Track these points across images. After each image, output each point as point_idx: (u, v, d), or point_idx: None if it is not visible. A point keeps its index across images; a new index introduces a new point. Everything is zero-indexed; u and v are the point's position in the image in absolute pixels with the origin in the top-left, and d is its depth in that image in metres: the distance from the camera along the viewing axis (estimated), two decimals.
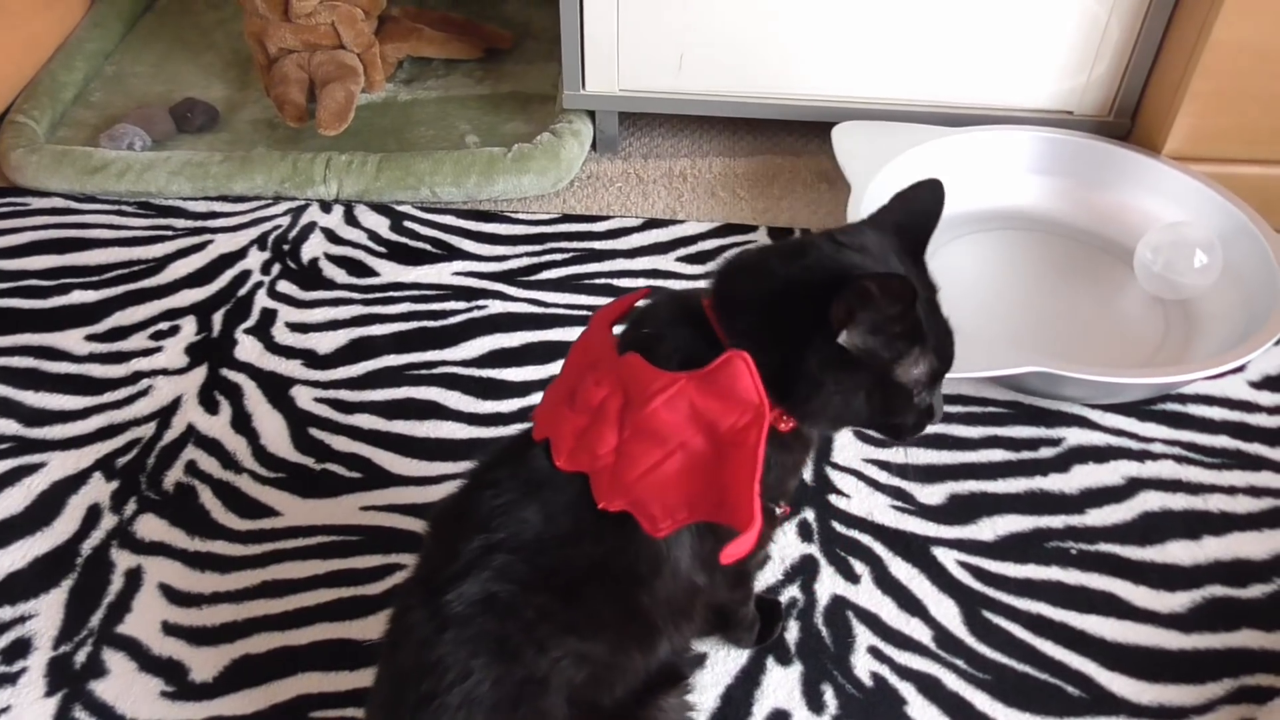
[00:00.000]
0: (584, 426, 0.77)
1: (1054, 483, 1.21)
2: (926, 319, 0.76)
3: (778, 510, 0.86)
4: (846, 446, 1.25)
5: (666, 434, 0.74)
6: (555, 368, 1.32)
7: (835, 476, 1.21)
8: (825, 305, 0.71)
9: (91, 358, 1.35)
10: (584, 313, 1.42)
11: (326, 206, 1.61)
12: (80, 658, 1.02)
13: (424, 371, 1.34)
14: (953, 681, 1.03)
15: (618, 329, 0.82)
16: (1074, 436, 1.27)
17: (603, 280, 1.48)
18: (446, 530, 0.81)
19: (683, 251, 1.54)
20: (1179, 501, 1.20)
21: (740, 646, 1.05)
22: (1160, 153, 1.54)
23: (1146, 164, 1.53)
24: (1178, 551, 1.15)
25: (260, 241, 1.54)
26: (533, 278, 1.49)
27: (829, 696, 1.01)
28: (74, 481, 1.19)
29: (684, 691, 0.90)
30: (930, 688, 1.02)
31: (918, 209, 0.81)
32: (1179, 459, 1.24)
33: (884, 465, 1.23)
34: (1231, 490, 1.21)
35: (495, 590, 0.75)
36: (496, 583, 0.75)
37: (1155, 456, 1.25)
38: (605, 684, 0.81)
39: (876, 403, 0.77)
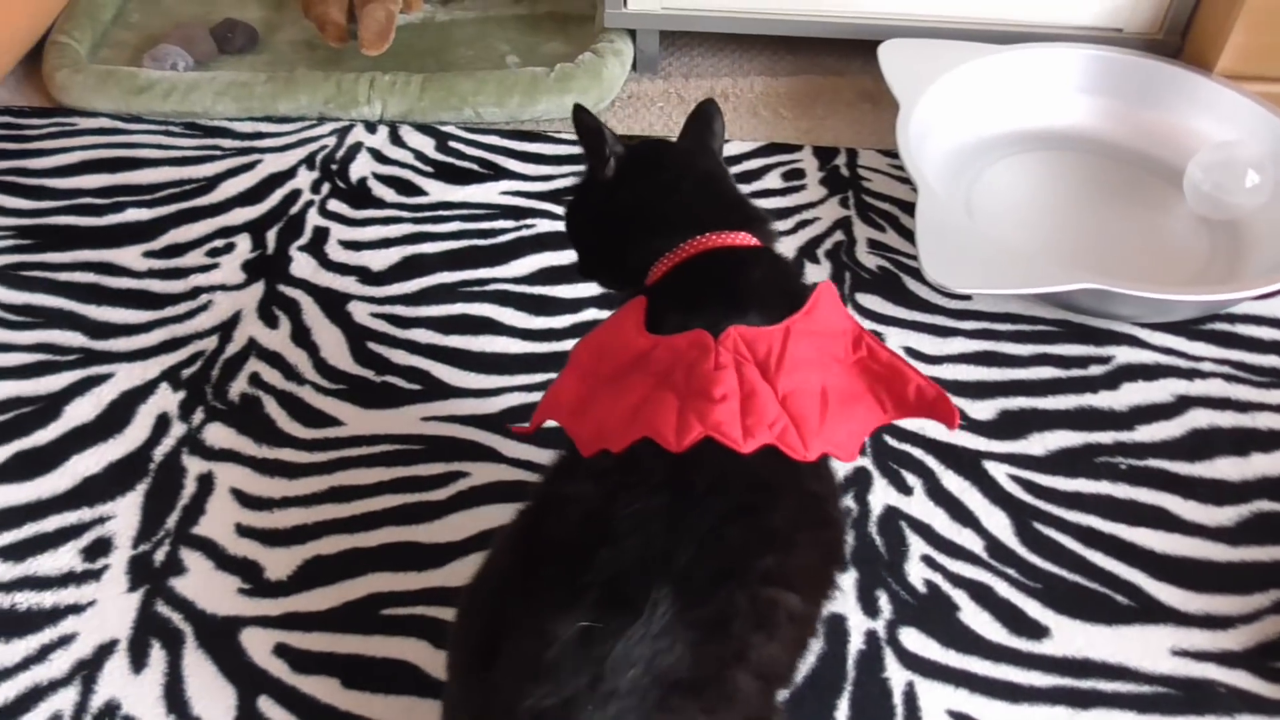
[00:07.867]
0: (723, 410, 0.74)
1: (1103, 400, 1.22)
2: None
3: None
4: None
5: (809, 370, 0.79)
6: None
7: None
8: None
9: (151, 273, 1.36)
10: None
11: (371, 127, 1.61)
12: (159, 556, 1.06)
13: (476, 288, 1.35)
14: (1004, 589, 1.05)
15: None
16: (1123, 355, 1.27)
17: None
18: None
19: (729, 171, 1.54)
20: (1228, 419, 1.21)
21: None
22: (1212, 71, 1.52)
23: (1197, 82, 1.51)
24: (1226, 467, 1.16)
25: (308, 161, 1.54)
26: None
27: (883, 602, 1.04)
28: (142, 392, 1.22)
29: None
30: (982, 595, 1.05)
31: None
32: (1228, 378, 1.25)
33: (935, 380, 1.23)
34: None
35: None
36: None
37: (1204, 375, 1.25)
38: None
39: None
